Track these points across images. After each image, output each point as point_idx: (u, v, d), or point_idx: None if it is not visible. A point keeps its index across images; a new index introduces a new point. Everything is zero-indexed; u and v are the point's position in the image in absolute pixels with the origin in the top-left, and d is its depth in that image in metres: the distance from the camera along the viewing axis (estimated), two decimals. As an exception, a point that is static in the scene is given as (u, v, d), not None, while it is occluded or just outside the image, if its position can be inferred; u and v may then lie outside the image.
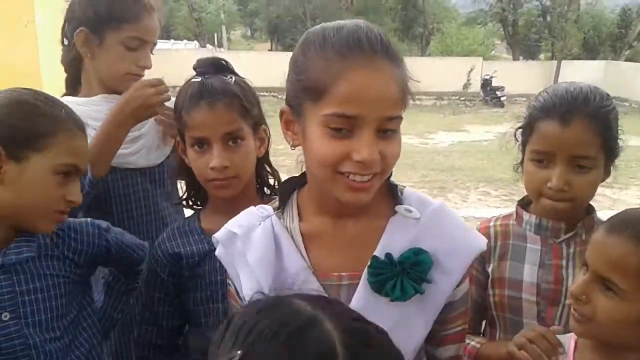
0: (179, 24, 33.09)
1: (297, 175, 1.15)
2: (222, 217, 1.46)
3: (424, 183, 8.46)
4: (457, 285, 1.08)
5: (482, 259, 1.47)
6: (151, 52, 1.77)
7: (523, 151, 1.44)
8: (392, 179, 1.11)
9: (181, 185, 1.67)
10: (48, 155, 1.22)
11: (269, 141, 1.53)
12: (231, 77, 1.44)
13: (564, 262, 1.41)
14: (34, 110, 1.22)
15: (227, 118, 1.38)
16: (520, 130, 1.45)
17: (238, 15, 39.12)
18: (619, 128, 1.38)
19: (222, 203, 1.46)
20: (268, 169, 1.57)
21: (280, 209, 1.12)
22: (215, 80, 1.40)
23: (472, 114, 16.90)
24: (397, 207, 1.09)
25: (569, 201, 1.35)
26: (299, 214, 1.11)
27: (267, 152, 1.54)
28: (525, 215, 1.46)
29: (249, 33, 50.53)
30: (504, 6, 28.49)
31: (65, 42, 1.78)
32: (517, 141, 1.47)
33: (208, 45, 28.58)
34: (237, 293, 1.12)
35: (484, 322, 1.58)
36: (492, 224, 1.54)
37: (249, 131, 1.43)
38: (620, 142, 1.39)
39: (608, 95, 1.37)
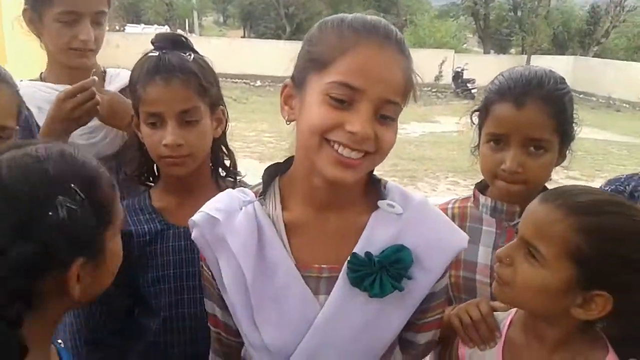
0: (149, 8, 32.44)
1: (279, 162, 1.15)
2: (173, 195, 1.44)
3: (394, 172, 8.50)
4: (438, 280, 1.10)
5: None
6: (101, 23, 1.70)
7: (479, 134, 1.44)
8: None
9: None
10: None
11: (226, 122, 1.51)
12: (190, 54, 1.41)
13: None
14: None
15: (183, 95, 1.35)
16: (477, 113, 1.46)
17: (210, 1, 38.54)
18: (574, 112, 1.39)
19: (174, 181, 1.44)
20: (224, 150, 1.54)
21: (263, 195, 1.11)
22: (172, 56, 1.37)
23: (443, 106, 17.02)
24: (380, 202, 1.09)
25: (523, 183, 1.35)
26: (282, 202, 1.10)
27: (224, 133, 1.52)
28: (482, 198, 1.48)
29: (221, 19, 49.83)
30: (476, 0, 28.74)
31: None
32: (474, 124, 1.48)
33: (179, 31, 28.08)
34: (213, 277, 1.11)
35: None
36: (450, 206, 1.55)
37: (205, 110, 1.40)
38: (575, 127, 1.40)
39: (563, 79, 1.38)
